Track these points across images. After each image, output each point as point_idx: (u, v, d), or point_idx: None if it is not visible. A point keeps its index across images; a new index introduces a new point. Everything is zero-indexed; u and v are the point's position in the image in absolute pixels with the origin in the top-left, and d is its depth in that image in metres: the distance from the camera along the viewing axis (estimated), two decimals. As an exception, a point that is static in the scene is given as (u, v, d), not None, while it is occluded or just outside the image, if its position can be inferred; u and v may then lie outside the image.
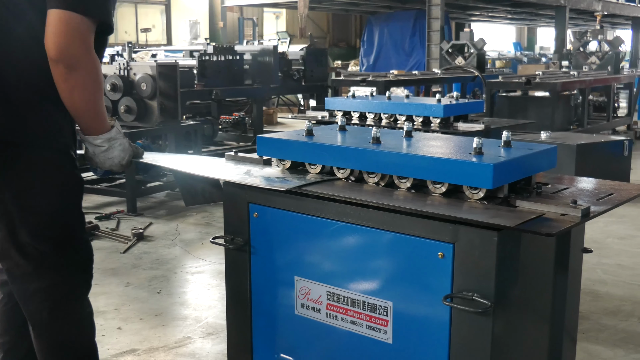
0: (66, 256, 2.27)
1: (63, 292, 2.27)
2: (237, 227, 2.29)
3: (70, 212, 2.29)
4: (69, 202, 2.28)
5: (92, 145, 2.32)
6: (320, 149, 2.19)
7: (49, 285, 2.23)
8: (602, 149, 6.07)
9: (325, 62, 10.56)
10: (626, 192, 2.14)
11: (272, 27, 22.89)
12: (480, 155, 1.94)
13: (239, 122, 9.74)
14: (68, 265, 2.27)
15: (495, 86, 9.24)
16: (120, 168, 2.40)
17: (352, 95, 4.65)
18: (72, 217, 2.30)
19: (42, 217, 2.20)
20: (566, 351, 2.23)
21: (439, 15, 12.96)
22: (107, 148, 2.32)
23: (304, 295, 2.17)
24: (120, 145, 2.35)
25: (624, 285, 4.36)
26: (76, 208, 2.32)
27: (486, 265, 1.78)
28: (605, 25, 20.70)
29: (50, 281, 2.23)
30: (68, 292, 2.29)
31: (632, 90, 11.94)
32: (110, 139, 2.32)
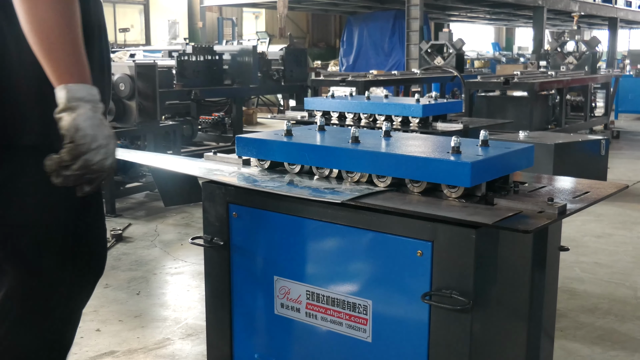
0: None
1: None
2: (216, 228, 2.28)
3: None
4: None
5: (74, 104, 1.64)
6: (299, 149, 2.19)
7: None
8: (579, 148, 6.13)
9: (305, 62, 10.56)
10: (602, 191, 2.16)
11: (252, 27, 22.85)
12: (459, 154, 1.95)
13: (219, 122, 9.71)
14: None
15: (474, 86, 9.30)
16: (112, 162, 1.71)
17: (331, 96, 4.66)
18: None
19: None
20: (544, 348, 2.25)
21: (418, 15, 13.01)
22: (95, 116, 1.66)
23: (284, 295, 2.17)
24: (109, 125, 1.73)
25: (601, 283, 4.41)
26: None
27: (465, 263, 1.79)
28: (582, 26, 20.92)
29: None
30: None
31: (609, 90, 12.06)
32: (97, 100, 1.69)
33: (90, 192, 1.72)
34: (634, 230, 5.71)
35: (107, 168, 1.69)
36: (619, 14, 20.95)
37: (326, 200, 1.94)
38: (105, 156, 1.67)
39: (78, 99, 1.65)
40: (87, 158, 1.64)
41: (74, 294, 1.99)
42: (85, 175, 1.66)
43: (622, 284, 4.38)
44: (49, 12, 1.62)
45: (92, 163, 1.65)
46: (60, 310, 1.97)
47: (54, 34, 1.63)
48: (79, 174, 1.64)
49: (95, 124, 1.65)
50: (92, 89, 1.68)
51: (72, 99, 1.64)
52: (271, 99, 14.73)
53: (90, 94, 1.67)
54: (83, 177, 1.67)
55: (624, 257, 4.96)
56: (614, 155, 9.11)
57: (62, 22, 1.63)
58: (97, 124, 1.66)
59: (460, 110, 5.07)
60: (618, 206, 6.44)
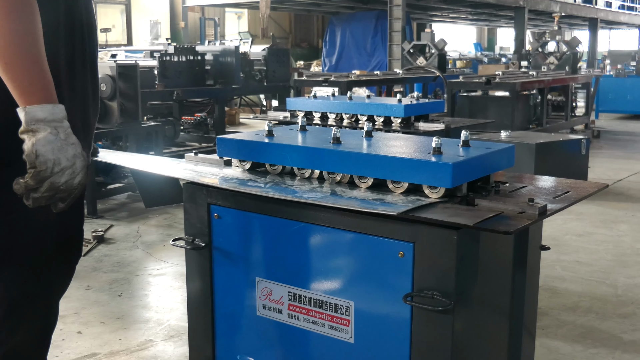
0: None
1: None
2: (198, 229, 2.27)
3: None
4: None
5: (33, 127, 1.58)
6: (280, 150, 2.18)
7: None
8: (560, 147, 6.18)
9: (288, 62, 10.56)
10: (582, 190, 2.17)
11: (234, 27, 22.81)
12: (440, 154, 1.95)
13: (201, 122, 9.68)
14: None
15: (456, 86, 9.35)
16: (81, 180, 1.68)
17: (313, 96, 4.66)
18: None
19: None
20: (525, 347, 2.26)
21: (401, 15, 13.05)
22: (57, 139, 1.60)
23: (266, 296, 2.16)
24: (76, 142, 1.68)
25: (582, 281, 4.44)
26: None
27: (446, 264, 1.79)
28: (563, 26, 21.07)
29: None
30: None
31: (590, 89, 12.17)
32: (62, 119, 1.63)
33: (65, 208, 1.72)
34: (614, 229, 5.76)
35: (77, 186, 1.68)
36: (599, 14, 21.15)
37: (380, 212, 1.81)
38: (72, 176, 1.65)
39: (38, 121, 1.59)
40: (53, 181, 1.62)
41: (56, 289, 2.10)
42: (55, 195, 1.66)
43: (602, 282, 4.41)
44: (3, 28, 1.53)
45: (59, 185, 1.63)
46: (46, 305, 2.05)
47: (9, 51, 1.55)
48: (48, 195, 1.64)
49: (57, 148, 1.61)
50: (54, 108, 1.62)
51: (31, 122, 1.59)
52: (254, 99, 14.71)
53: (52, 113, 1.61)
54: (53, 197, 1.66)
55: (604, 255, 5.00)
56: (594, 154, 9.19)
57: (18, 39, 1.55)
58: (59, 147, 1.61)
59: (442, 110, 5.10)
60: (598, 205, 6.49)
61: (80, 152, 1.68)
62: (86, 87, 1.97)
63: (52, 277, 2.02)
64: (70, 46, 1.89)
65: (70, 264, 2.13)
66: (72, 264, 2.14)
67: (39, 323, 2.04)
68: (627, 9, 24.16)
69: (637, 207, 6.62)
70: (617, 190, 7.40)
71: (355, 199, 1.93)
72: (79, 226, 2.14)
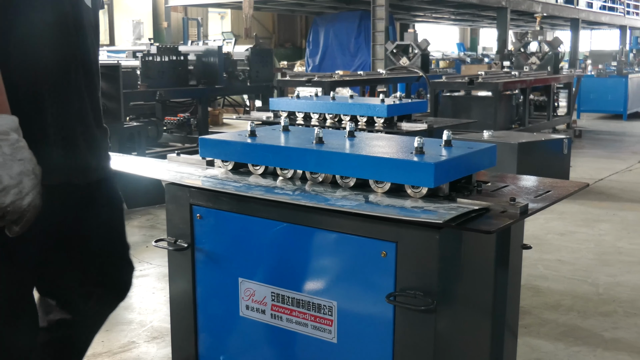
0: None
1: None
2: (180, 230, 2.26)
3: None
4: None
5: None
6: (262, 150, 2.18)
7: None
8: (542, 147, 6.22)
9: (271, 62, 10.55)
10: (563, 189, 2.19)
11: (217, 28, 22.76)
12: (422, 154, 1.96)
13: (184, 123, 9.65)
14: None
15: (439, 86, 9.38)
16: (31, 201, 1.50)
17: (296, 96, 4.66)
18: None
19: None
20: (507, 345, 2.28)
21: (384, 16, 13.08)
22: (1, 152, 1.46)
23: (249, 296, 2.16)
24: (27, 159, 1.49)
25: (564, 280, 4.47)
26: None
27: (428, 264, 1.80)
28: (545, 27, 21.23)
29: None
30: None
31: (571, 89, 12.26)
32: (7, 131, 1.47)
33: (20, 232, 1.53)
34: (596, 228, 5.81)
35: (27, 208, 1.50)
36: (581, 15, 21.30)
37: (423, 220, 1.75)
38: (19, 196, 1.47)
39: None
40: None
41: None
42: (5, 217, 1.49)
43: (584, 281, 4.44)
44: None
45: (4, 206, 1.46)
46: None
47: None
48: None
49: (7, 172, 1.44)
50: (1, 119, 1.47)
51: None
52: (237, 99, 14.67)
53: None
54: (3, 219, 1.49)
55: (586, 254, 5.04)
56: (576, 154, 9.26)
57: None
58: (0, 163, 1.44)
59: (425, 110, 5.11)
60: (580, 204, 6.54)
61: (31, 170, 1.49)
62: (81, 93, 1.84)
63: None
64: (59, 49, 1.77)
65: None
66: None
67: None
68: (608, 9, 24.35)
69: (618, 206, 6.67)
70: (599, 189, 7.46)
71: (393, 207, 1.85)
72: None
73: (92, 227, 2.01)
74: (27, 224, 1.53)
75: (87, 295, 2.11)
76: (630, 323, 3.75)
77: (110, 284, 2.17)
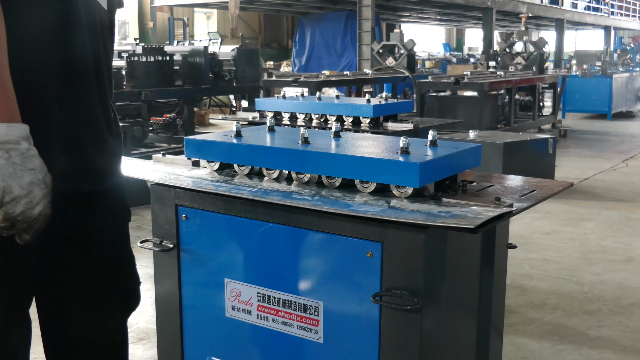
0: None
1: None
2: (165, 230, 2.25)
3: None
4: None
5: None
6: (248, 150, 2.17)
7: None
8: (528, 147, 6.25)
9: (257, 62, 10.54)
10: (548, 189, 2.20)
11: (203, 28, 22.71)
12: (407, 154, 1.96)
13: (170, 123, 9.63)
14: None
15: (425, 86, 9.40)
16: (41, 210, 1.49)
17: (282, 96, 4.66)
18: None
19: None
20: (493, 344, 2.28)
21: (370, 16, 13.10)
22: (7, 164, 1.42)
23: (235, 297, 2.15)
24: (38, 168, 1.48)
25: (550, 279, 4.49)
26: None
27: (414, 264, 1.80)
28: (530, 27, 21.35)
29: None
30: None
31: (556, 89, 12.33)
32: (18, 140, 1.45)
33: (30, 240, 1.52)
34: (581, 227, 5.84)
35: (38, 217, 1.48)
36: (566, 15, 21.43)
37: (459, 226, 1.71)
38: (29, 206, 1.45)
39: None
40: (6, 211, 1.43)
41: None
42: (15, 227, 1.47)
43: (569, 280, 4.47)
44: None
45: (14, 215, 1.44)
46: None
47: None
48: (5, 226, 1.45)
49: (7, 174, 1.41)
50: (9, 127, 1.43)
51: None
52: (223, 99, 14.65)
53: (5, 134, 1.42)
54: (13, 227, 1.47)
55: (571, 253, 5.07)
56: (561, 153, 9.32)
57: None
58: (10, 173, 1.41)
59: (410, 110, 5.12)
60: (565, 203, 6.58)
61: (41, 179, 1.48)
62: (91, 96, 1.76)
63: None
64: (66, 50, 1.69)
65: None
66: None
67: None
68: (592, 9, 24.52)
69: (603, 205, 6.72)
70: (584, 188, 7.51)
71: (419, 212, 1.81)
72: None
73: (96, 233, 1.93)
74: (37, 232, 1.52)
75: (87, 304, 2.00)
76: (615, 321, 3.78)
77: (114, 294, 2.06)
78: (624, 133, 12.77)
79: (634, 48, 20.44)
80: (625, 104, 15.94)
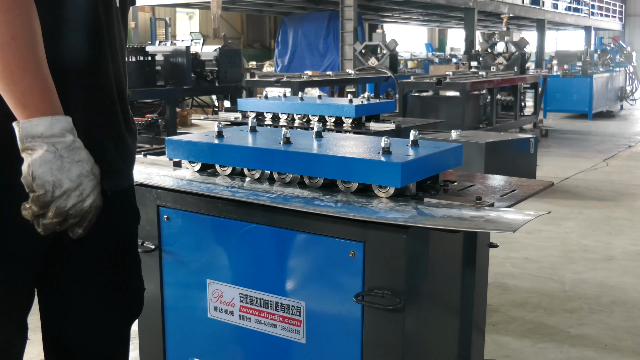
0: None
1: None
2: (147, 231, 2.24)
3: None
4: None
5: (28, 144, 1.39)
6: (230, 151, 2.17)
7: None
8: (509, 146, 6.28)
9: (239, 62, 10.52)
10: (528, 188, 2.21)
11: (185, 28, 22.63)
12: (389, 154, 1.96)
13: (152, 124, 9.58)
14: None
15: (408, 86, 9.42)
16: (93, 201, 1.47)
17: (264, 96, 4.65)
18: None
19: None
20: (475, 343, 2.29)
21: (352, 16, 13.11)
22: (55, 157, 1.39)
23: (217, 298, 2.15)
24: (84, 159, 1.45)
25: (531, 277, 4.52)
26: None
27: (396, 263, 1.81)
28: (511, 27, 21.47)
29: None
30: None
31: (538, 89, 12.41)
32: (63, 133, 1.41)
33: (84, 234, 1.49)
34: (562, 226, 5.88)
35: (90, 209, 1.46)
36: (547, 15, 21.58)
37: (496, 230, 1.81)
38: (80, 199, 1.43)
39: (34, 138, 1.38)
40: (58, 206, 1.40)
41: None
42: (67, 221, 1.45)
43: (550, 278, 4.50)
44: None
45: (67, 209, 1.42)
46: None
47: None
48: (57, 221, 1.42)
49: (56, 167, 1.38)
50: (54, 120, 1.39)
51: (26, 139, 1.38)
52: (206, 100, 14.60)
53: (50, 127, 1.39)
54: (66, 222, 1.45)
55: (552, 252, 5.11)
56: (542, 153, 9.38)
57: (12, 29, 1.34)
58: (58, 166, 1.39)
59: (393, 110, 5.13)
60: (546, 203, 6.63)
61: (90, 170, 1.45)
62: (112, 94, 1.68)
63: None
64: (89, 47, 1.61)
65: None
66: None
67: None
68: (573, 10, 24.70)
69: (584, 204, 6.77)
70: (565, 188, 7.56)
71: (450, 217, 1.80)
72: None
73: (111, 236, 1.80)
74: (89, 225, 1.50)
75: (94, 309, 1.87)
76: (595, 319, 3.81)
77: (122, 299, 1.93)
78: (604, 133, 12.88)
79: (614, 48, 20.61)
80: (605, 104, 16.08)
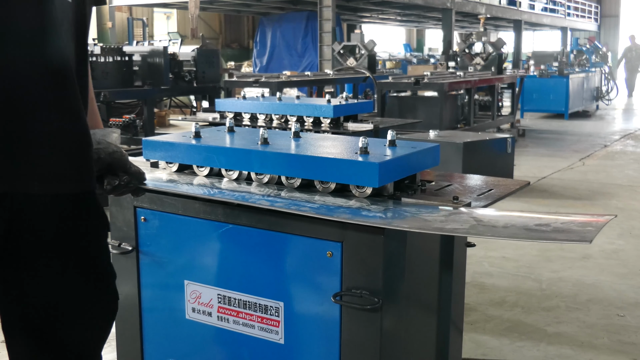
0: None
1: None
2: (124, 233, 2.23)
3: None
4: None
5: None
6: (207, 151, 2.16)
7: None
8: (487, 146, 6.31)
9: (218, 63, 10.47)
10: (505, 188, 2.23)
11: (163, 28, 22.50)
12: (366, 154, 1.97)
13: (130, 124, 9.49)
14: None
15: (386, 86, 9.44)
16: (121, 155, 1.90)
17: (243, 97, 4.64)
18: None
19: None
20: (453, 342, 2.31)
21: (330, 16, 13.11)
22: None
23: (195, 299, 2.14)
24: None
25: (509, 276, 4.55)
26: None
27: (374, 263, 1.81)
28: (489, 28, 21.60)
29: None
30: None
31: (515, 89, 12.48)
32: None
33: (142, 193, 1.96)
34: (539, 225, 5.92)
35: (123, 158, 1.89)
36: (523, 16, 21.74)
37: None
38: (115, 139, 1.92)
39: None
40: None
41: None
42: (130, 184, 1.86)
43: (528, 277, 4.53)
44: None
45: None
46: None
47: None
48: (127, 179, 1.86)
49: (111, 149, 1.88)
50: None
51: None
52: (184, 100, 14.53)
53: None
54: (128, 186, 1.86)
55: (529, 251, 5.14)
56: (520, 152, 9.45)
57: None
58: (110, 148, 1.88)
59: (371, 110, 5.14)
60: (524, 202, 6.68)
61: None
62: (75, 94, 1.62)
63: None
64: (51, 50, 1.54)
65: None
66: None
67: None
68: (549, 11, 24.91)
69: (560, 203, 6.83)
70: (542, 187, 7.62)
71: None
72: None
73: (84, 234, 1.74)
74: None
75: (75, 306, 1.75)
76: (572, 317, 3.84)
77: (102, 296, 1.83)
78: (580, 132, 13.00)
79: (589, 49, 20.79)
80: (581, 104, 16.22)
